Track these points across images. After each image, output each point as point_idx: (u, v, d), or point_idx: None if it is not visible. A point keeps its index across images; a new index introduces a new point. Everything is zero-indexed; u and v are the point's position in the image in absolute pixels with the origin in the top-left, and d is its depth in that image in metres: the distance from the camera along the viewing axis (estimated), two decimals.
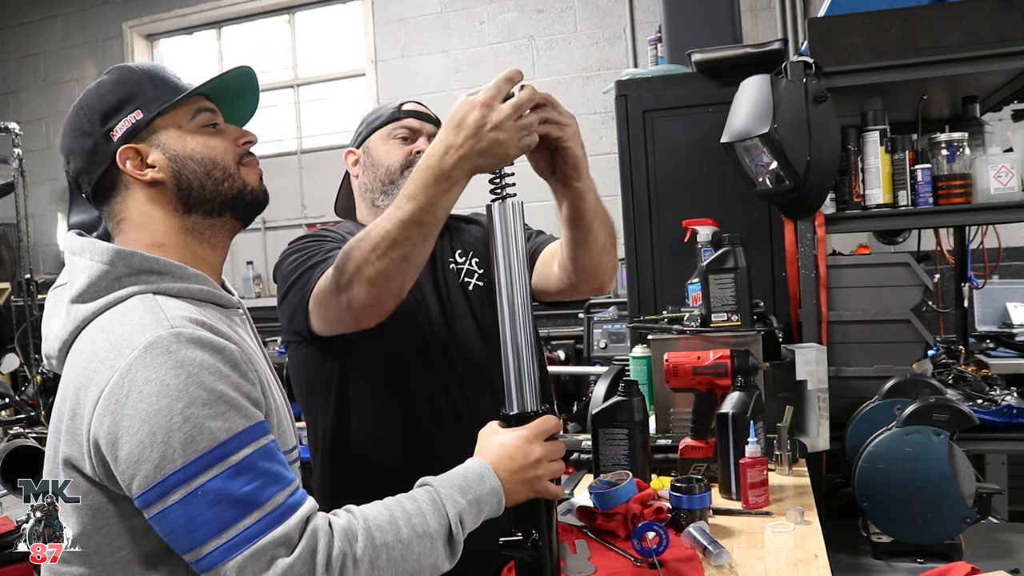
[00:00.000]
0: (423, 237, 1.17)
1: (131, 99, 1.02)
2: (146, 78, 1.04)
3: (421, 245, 1.18)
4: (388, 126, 1.58)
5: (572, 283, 1.46)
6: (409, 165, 1.53)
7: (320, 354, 1.46)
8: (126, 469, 0.86)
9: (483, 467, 1.02)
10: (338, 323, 1.30)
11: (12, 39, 6.17)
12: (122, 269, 0.96)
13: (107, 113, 1.02)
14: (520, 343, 1.06)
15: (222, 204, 1.05)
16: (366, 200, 1.60)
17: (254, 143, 1.10)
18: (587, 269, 1.42)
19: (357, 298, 1.22)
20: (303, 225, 5.58)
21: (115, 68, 1.07)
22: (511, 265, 1.06)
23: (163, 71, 1.07)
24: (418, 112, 1.60)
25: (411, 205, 1.15)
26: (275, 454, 0.91)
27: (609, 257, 1.42)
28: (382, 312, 1.25)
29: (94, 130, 1.02)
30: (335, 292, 1.25)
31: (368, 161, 1.59)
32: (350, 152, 1.64)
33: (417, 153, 1.54)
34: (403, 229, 1.16)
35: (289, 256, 1.44)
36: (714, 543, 1.27)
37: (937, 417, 1.63)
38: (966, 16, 2.10)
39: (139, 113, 1.02)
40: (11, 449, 2.74)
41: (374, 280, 1.19)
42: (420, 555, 0.93)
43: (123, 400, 0.86)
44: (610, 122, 3.98)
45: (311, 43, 5.70)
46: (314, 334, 1.36)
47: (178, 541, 0.86)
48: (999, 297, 3.50)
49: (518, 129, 1.10)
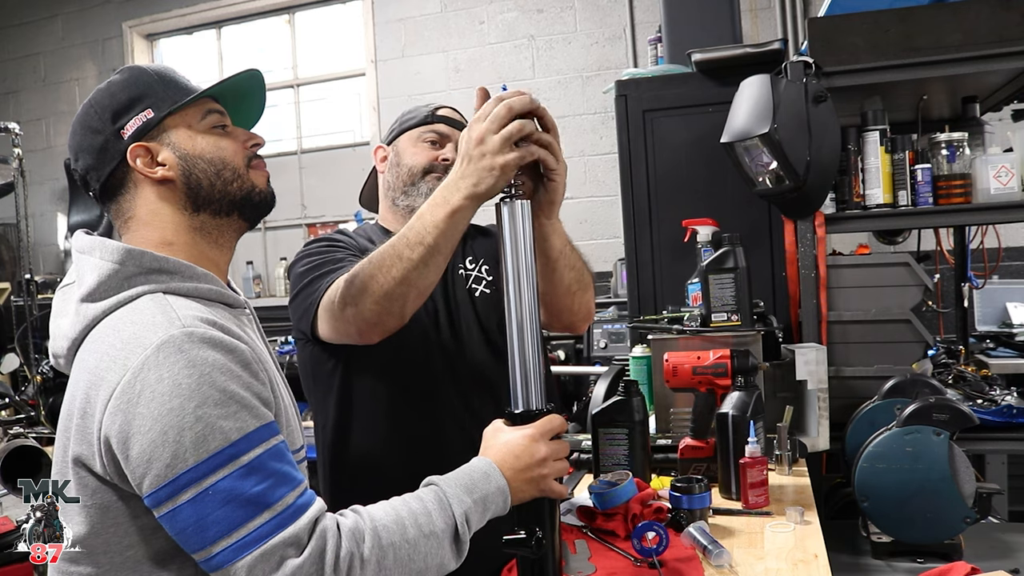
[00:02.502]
0: (425, 262, 1.21)
1: (142, 98, 1.03)
2: (157, 78, 1.05)
3: (424, 270, 1.22)
4: (419, 128, 1.61)
5: (546, 322, 1.49)
6: (432, 170, 1.57)
7: (325, 353, 1.48)
8: (137, 467, 0.86)
9: (489, 466, 1.02)
10: (343, 335, 1.34)
11: (12, 39, 6.17)
12: (132, 268, 0.97)
13: (118, 111, 1.03)
14: (527, 341, 1.07)
15: (230, 204, 1.06)
16: (387, 198, 1.63)
17: (262, 146, 1.11)
18: (550, 307, 1.46)
19: (362, 314, 1.26)
20: (303, 225, 5.59)
21: (126, 68, 1.09)
22: (519, 264, 1.07)
23: (173, 72, 1.08)
24: (450, 119, 1.63)
25: (418, 229, 1.21)
26: (285, 454, 0.92)
27: (577, 300, 1.46)
28: (384, 330, 1.29)
29: (104, 127, 1.03)
30: (342, 305, 1.28)
31: (395, 159, 1.62)
32: (380, 147, 1.67)
33: (443, 160, 1.57)
34: (410, 250, 1.21)
35: (303, 259, 1.47)
36: (714, 543, 1.27)
37: (937, 417, 1.63)
38: (966, 16, 2.10)
39: (150, 112, 1.03)
40: (11, 449, 2.74)
41: (378, 299, 1.24)
42: (427, 555, 0.93)
43: (135, 399, 0.86)
44: (610, 122, 3.99)
45: (311, 43, 5.70)
46: (319, 337, 1.39)
47: (188, 540, 0.86)
48: (999, 297, 3.51)
49: (509, 150, 1.13)
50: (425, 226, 1.21)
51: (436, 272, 1.25)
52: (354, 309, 1.27)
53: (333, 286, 1.33)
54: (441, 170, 1.55)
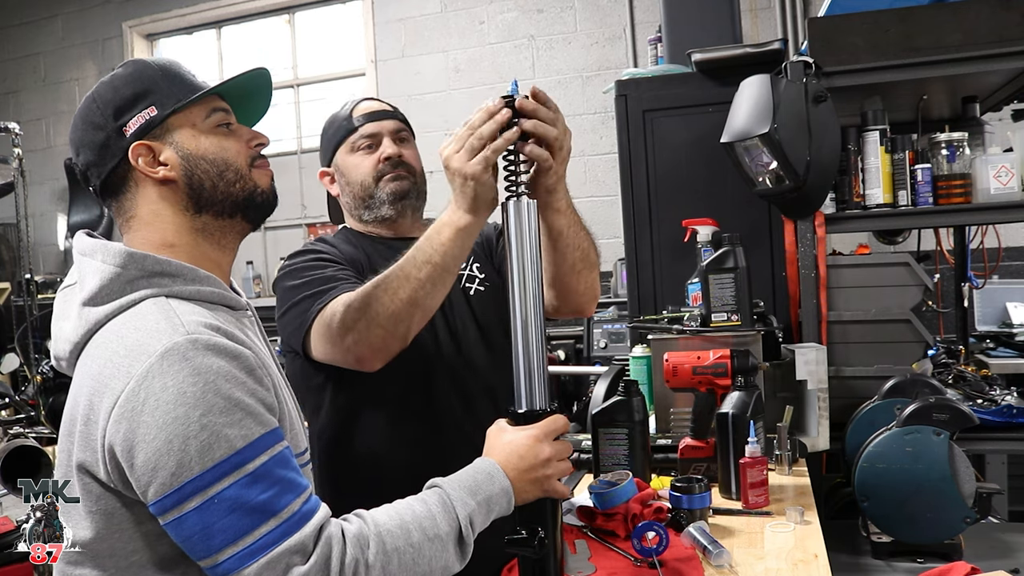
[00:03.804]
0: (433, 281, 1.24)
1: (146, 95, 1.01)
2: (161, 74, 1.03)
3: (431, 289, 1.24)
4: (348, 139, 1.56)
5: (553, 305, 1.48)
6: (382, 175, 1.52)
7: (315, 367, 1.44)
8: (142, 476, 0.85)
9: (492, 467, 1.02)
10: (340, 361, 1.33)
11: (12, 39, 6.17)
12: (134, 272, 0.96)
13: (121, 107, 1.01)
14: (531, 341, 1.06)
15: (233, 205, 1.05)
16: (353, 216, 1.60)
17: (266, 145, 1.10)
18: (556, 287, 1.44)
19: (366, 340, 1.26)
20: (303, 225, 5.59)
21: (129, 62, 1.06)
22: (524, 263, 1.07)
23: (178, 67, 1.05)
24: (372, 113, 1.56)
25: (425, 248, 1.24)
26: (289, 460, 0.91)
27: (582, 279, 1.44)
28: (387, 356, 1.30)
29: (106, 124, 1.01)
30: (342, 332, 1.28)
31: (343, 180, 1.58)
32: (323, 173, 1.63)
33: (386, 159, 1.52)
34: (417, 270, 1.23)
35: (288, 277, 1.43)
36: (714, 543, 1.27)
37: (937, 417, 1.63)
38: (966, 16, 2.10)
39: (153, 109, 1.01)
40: (11, 449, 2.74)
41: (383, 322, 1.25)
42: (431, 558, 0.93)
43: (139, 407, 0.85)
44: (610, 122, 3.99)
45: (311, 43, 5.70)
46: (312, 357, 1.38)
47: (194, 548, 0.86)
48: (999, 297, 3.51)
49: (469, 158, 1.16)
50: (432, 245, 1.22)
51: (443, 292, 1.26)
52: (356, 336, 1.26)
53: (329, 309, 1.31)
54: (390, 169, 1.52)
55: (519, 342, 1.07)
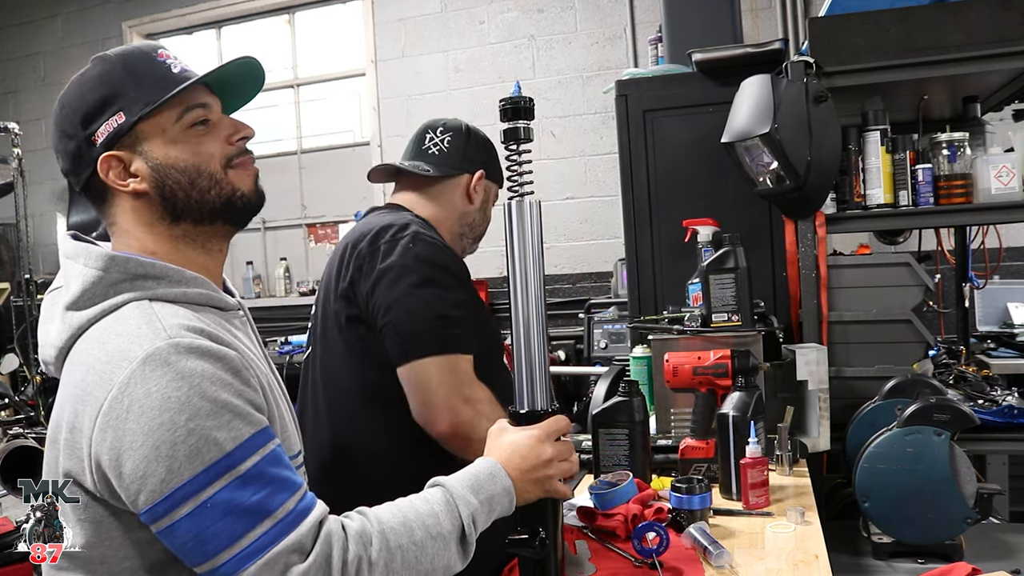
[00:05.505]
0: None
1: (113, 99, 0.97)
2: (127, 74, 0.98)
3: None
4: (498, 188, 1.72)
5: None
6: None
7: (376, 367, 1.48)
8: (131, 484, 0.84)
9: (494, 466, 1.01)
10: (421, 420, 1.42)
11: (12, 39, 6.17)
12: (116, 275, 0.94)
13: (88, 115, 0.97)
14: (533, 341, 1.06)
15: (212, 212, 1.01)
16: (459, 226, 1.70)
17: (250, 137, 1.05)
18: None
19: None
20: (303, 225, 5.58)
21: (96, 59, 1.01)
22: (526, 263, 1.07)
23: (146, 60, 0.99)
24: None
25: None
26: (282, 458, 0.90)
27: None
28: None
29: (76, 132, 0.98)
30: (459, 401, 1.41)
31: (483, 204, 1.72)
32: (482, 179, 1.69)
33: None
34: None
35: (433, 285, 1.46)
36: (714, 543, 1.27)
37: (938, 417, 1.63)
38: (966, 16, 2.10)
39: (121, 116, 0.96)
40: (11, 449, 2.74)
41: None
42: (434, 557, 0.92)
43: (123, 415, 0.84)
44: (610, 122, 3.98)
45: (311, 43, 5.69)
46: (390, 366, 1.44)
47: (189, 554, 0.85)
48: (1000, 297, 3.51)
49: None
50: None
51: None
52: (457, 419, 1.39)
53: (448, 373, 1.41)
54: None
55: (521, 342, 1.06)
